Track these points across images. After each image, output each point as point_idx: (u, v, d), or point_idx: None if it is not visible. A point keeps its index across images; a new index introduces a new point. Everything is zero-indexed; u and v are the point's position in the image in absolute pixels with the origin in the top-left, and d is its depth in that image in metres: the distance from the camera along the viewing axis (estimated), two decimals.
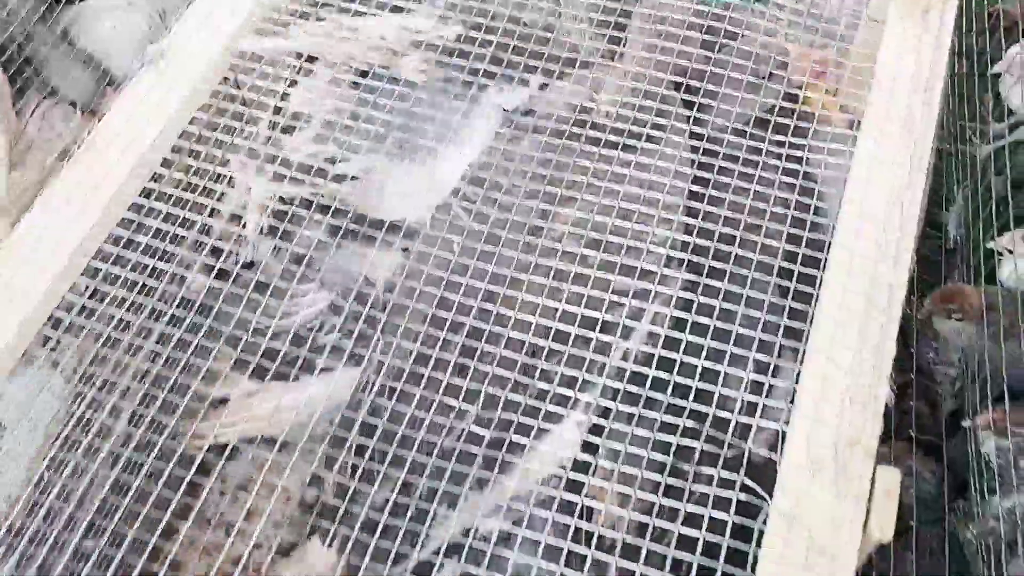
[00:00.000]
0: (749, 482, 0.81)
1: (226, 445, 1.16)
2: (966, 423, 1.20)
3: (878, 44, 1.11)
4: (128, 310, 1.16)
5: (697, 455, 0.85)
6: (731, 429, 0.85)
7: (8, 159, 1.38)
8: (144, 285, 1.13)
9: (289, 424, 1.17)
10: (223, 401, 1.22)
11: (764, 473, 0.83)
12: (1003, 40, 1.48)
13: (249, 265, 1.22)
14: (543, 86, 1.28)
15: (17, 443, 1.30)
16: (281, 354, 1.09)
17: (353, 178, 1.21)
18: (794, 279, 0.93)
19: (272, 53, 1.22)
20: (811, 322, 0.89)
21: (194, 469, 1.06)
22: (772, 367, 0.88)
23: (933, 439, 1.30)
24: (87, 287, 1.17)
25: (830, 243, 0.94)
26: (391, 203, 1.23)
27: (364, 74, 1.28)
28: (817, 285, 0.91)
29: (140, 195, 1.13)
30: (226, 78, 1.21)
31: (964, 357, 1.27)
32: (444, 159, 1.27)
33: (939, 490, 1.25)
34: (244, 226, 1.26)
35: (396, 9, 1.27)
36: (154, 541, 1.01)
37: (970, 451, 1.18)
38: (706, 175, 1.07)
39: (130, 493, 1.07)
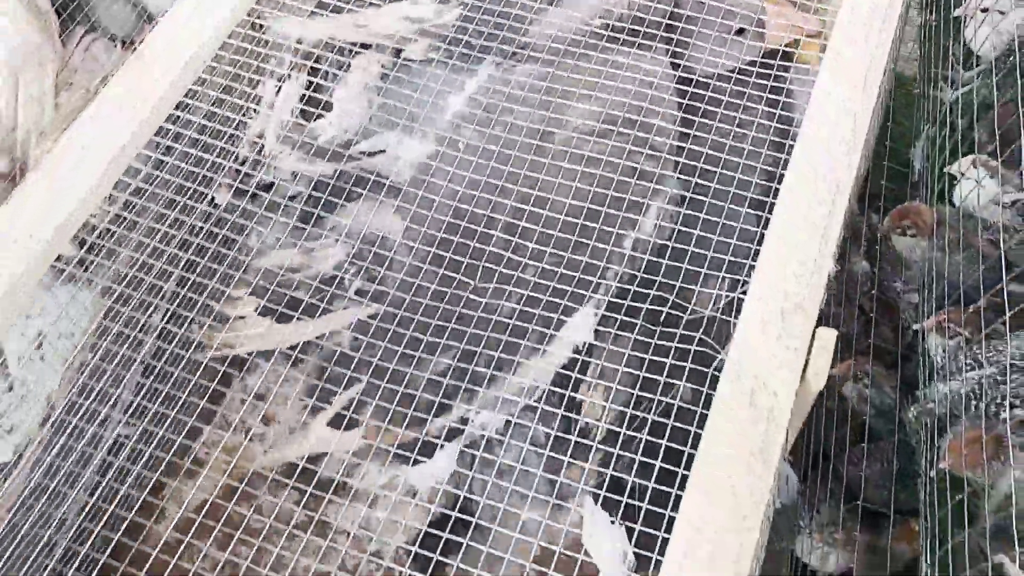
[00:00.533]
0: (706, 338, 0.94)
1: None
2: (916, 326, 1.32)
3: None
4: (160, 222, 1.30)
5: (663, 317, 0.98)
6: (694, 298, 0.99)
7: (54, 85, 1.51)
8: (173, 201, 1.27)
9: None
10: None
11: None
12: None
13: (268, 187, 1.35)
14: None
15: (55, 351, 1.44)
16: None
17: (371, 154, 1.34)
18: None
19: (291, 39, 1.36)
20: (769, 210, 1.01)
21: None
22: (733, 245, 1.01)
23: (893, 354, 1.42)
24: (124, 194, 1.32)
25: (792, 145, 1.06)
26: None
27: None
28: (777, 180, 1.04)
29: (177, 109, 1.27)
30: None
31: (919, 270, 1.39)
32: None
33: (896, 400, 1.37)
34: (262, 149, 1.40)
35: None
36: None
37: (920, 350, 1.30)
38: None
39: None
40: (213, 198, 1.29)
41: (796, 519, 1.27)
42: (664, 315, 0.99)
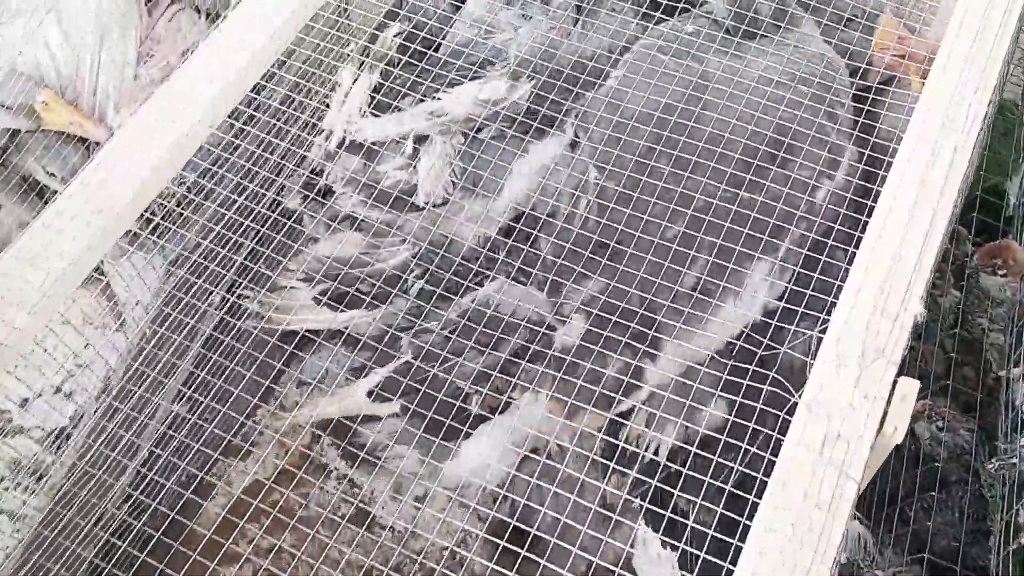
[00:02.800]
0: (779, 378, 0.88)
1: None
2: (1002, 372, 1.24)
3: None
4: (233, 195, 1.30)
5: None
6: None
7: (137, 53, 1.51)
8: (241, 184, 1.26)
9: None
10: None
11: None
12: None
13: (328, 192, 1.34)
14: None
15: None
16: None
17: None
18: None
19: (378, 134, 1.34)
20: (856, 244, 0.95)
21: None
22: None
23: (972, 397, 1.34)
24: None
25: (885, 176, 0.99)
26: None
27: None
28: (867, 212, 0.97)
29: (252, 91, 1.25)
30: None
31: (1008, 312, 1.30)
32: None
33: (972, 447, 1.29)
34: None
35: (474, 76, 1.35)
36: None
37: (1003, 399, 1.22)
38: None
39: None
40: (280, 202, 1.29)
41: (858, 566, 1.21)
42: (737, 348, 0.94)
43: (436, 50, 1.38)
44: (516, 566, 0.90)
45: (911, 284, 0.89)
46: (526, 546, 0.92)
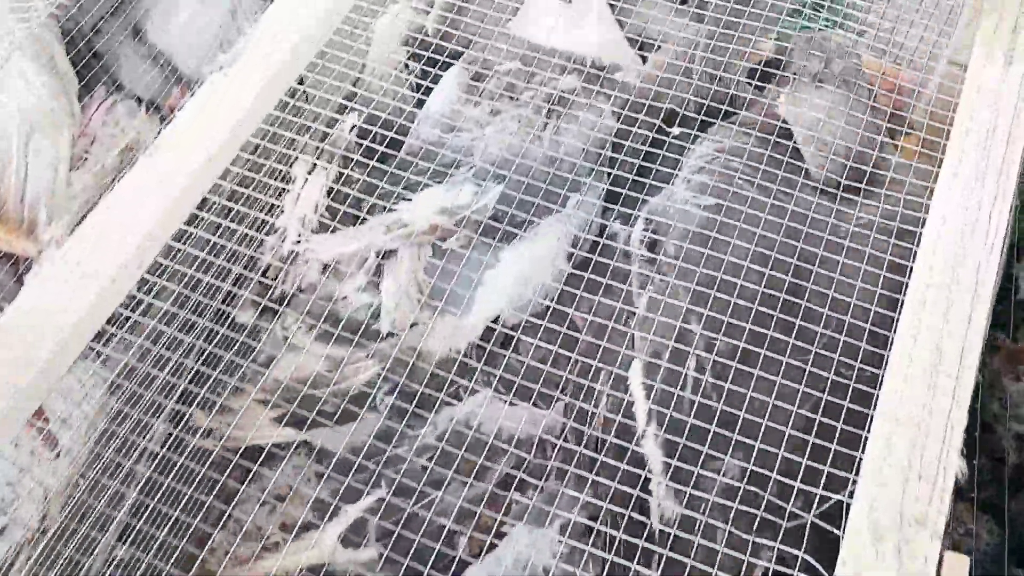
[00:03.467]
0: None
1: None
2: None
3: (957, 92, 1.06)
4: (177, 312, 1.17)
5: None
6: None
7: (70, 155, 1.38)
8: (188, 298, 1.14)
9: None
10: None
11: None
12: None
13: (281, 300, 1.21)
14: None
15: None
16: None
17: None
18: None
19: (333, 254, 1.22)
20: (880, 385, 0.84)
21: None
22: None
23: (995, 498, 1.24)
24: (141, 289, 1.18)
25: (902, 303, 0.88)
26: None
27: None
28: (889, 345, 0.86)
29: (198, 208, 1.12)
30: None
31: None
32: None
33: (999, 551, 1.19)
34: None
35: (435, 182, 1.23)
36: None
37: None
38: None
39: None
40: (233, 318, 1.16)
41: None
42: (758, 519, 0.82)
43: (397, 148, 1.26)
44: None
45: (948, 431, 0.79)
46: None
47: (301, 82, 1.30)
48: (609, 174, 1.34)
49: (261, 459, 1.12)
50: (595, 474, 0.99)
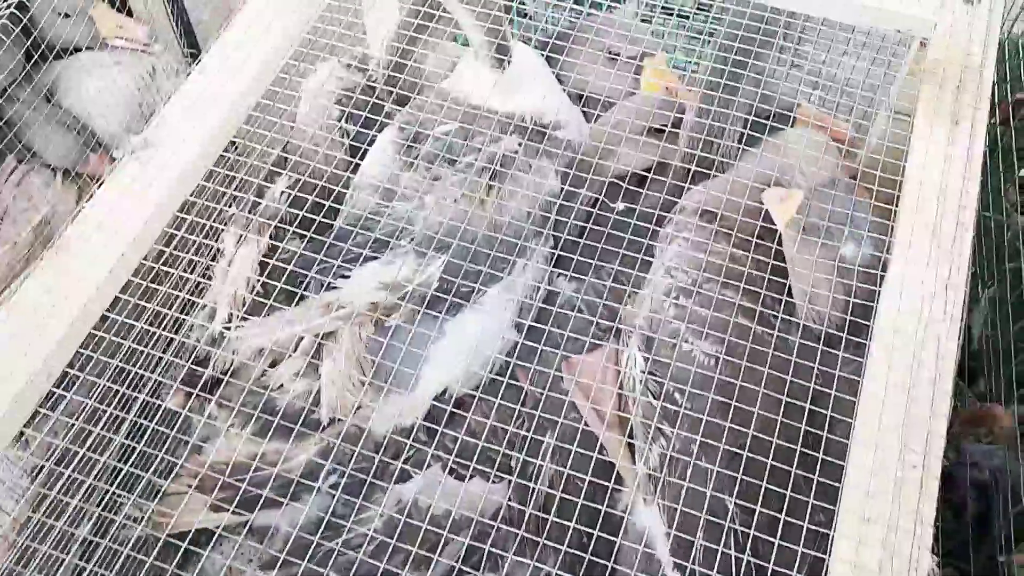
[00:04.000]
0: None
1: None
2: (1001, 558, 1.12)
3: (903, 140, 1.04)
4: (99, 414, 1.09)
5: None
6: None
7: None
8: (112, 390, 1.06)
9: None
10: None
11: None
12: None
13: (217, 382, 1.14)
14: None
15: None
16: None
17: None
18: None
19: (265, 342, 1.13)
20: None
21: None
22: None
23: (957, 549, 1.22)
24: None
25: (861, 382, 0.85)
26: None
27: None
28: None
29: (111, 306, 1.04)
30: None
31: (995, 478, 1.18)
32: None
33: None
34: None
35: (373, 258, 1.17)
36: None
37: None
38: None
39: None
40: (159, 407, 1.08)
41: None
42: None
43: (333, 216, 1.20)
44: None
45: (918, 535, 0.75)
46: None
47: (227, 149, 1.24)
48: (556, 236, 1.30)
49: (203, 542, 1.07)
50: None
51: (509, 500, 1.11)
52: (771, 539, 0.80)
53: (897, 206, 0.96)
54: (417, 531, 1.02)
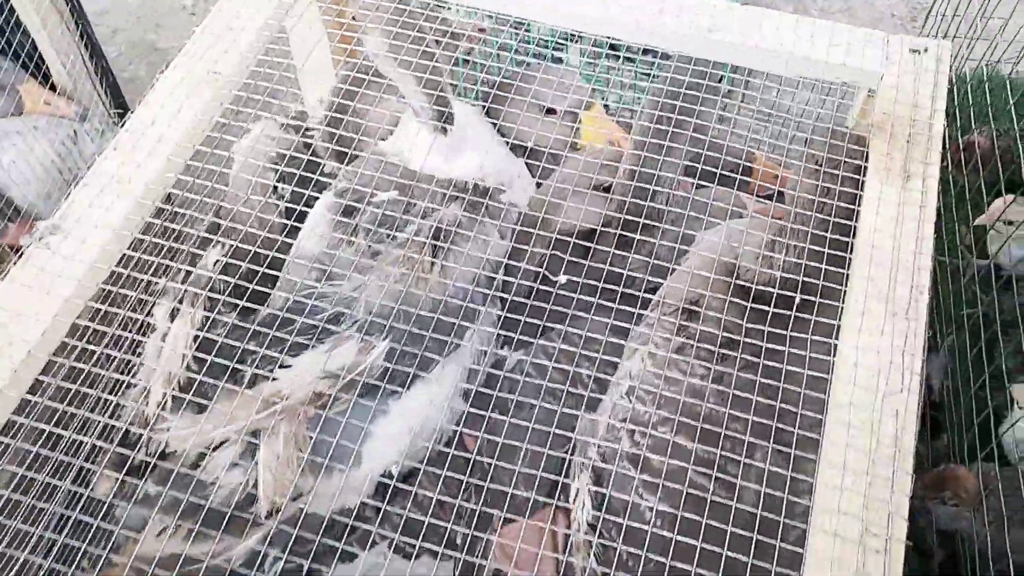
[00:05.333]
0: None
1: None
2: None
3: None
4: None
5: None
6: None
7: None
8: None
9: None
10: None
11: None
12: (980, 171, 1.40)
13: (163, 455, 1.08)
14: None
15: None
16: None
17: None
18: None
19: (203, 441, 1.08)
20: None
21: None
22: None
23: None
24: None
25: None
26: None
27: None
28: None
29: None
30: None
31: (961, 539, 1.16)
32: None
33: None
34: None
35: (318, 340, 1.12)
36: None
37: None
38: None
39: None
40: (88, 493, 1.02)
41: None
42: None
43: (269, 285, 1.15)
44: None
45: None
46: None
47: (157, 215, 1.18)
48: (503, 299, 1.26)
49: None
50: None
51: None
52: None
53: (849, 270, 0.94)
54: None
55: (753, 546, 0.79)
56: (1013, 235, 1.25)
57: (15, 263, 0.93)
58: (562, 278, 1.16)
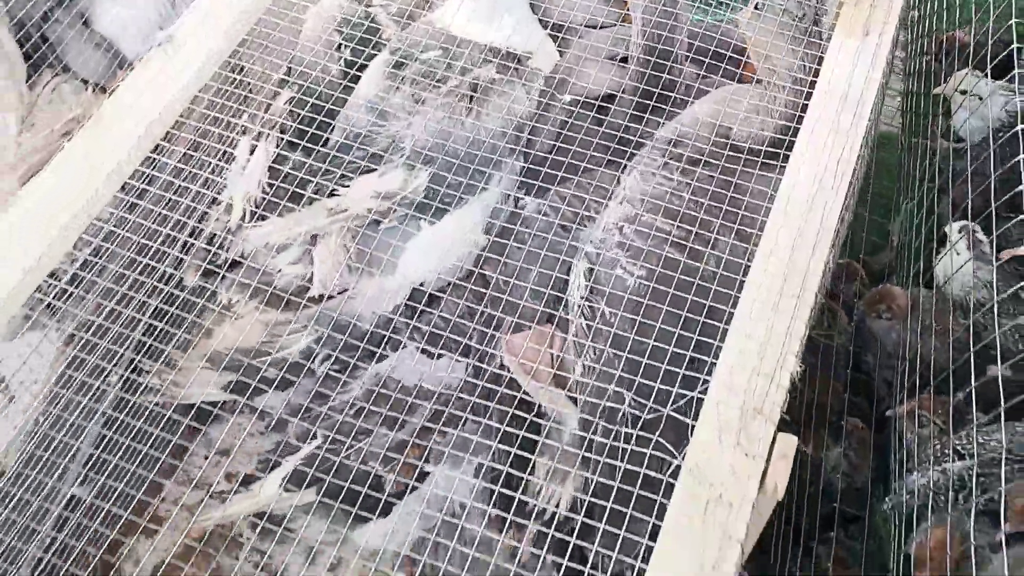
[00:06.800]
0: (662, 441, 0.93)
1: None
2: (890, 412, 1.31)
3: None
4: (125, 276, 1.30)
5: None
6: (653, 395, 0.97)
7: (18, 123, 1.51)
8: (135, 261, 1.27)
9: None
10: None
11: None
12: (955, 62, 1.59)
13: (233, 265, 1.35)
14: None
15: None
16: None
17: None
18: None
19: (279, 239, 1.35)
20: (733, 304, 1.01)
21: None
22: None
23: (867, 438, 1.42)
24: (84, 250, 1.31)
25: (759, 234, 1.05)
26: None
27: None
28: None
29: (141, 166, 1.26)
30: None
31: (894, 352, 1.38)
32: None
33: (869, 483, 1.36)
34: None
35: (369, 169, 1.37)
36: None
37: (893, 437, 1.30)
38: None
39: None
40: (181, 279, 1.29)
41: None
42: (621, 413, 0.99)
43: (331, 131, 1.41)
44: None
45: (786, 344, 0.96)
46: None
47: (240, 69, 1.45)
48: (526, 154, 1.50)
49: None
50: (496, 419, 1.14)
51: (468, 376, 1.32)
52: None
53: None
54: (390, 401, 1.23)
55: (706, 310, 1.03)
56: (965, 103, 1.45)
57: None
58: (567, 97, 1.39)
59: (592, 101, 1.46)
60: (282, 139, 1.43)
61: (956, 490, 1.10)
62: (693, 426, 0.92)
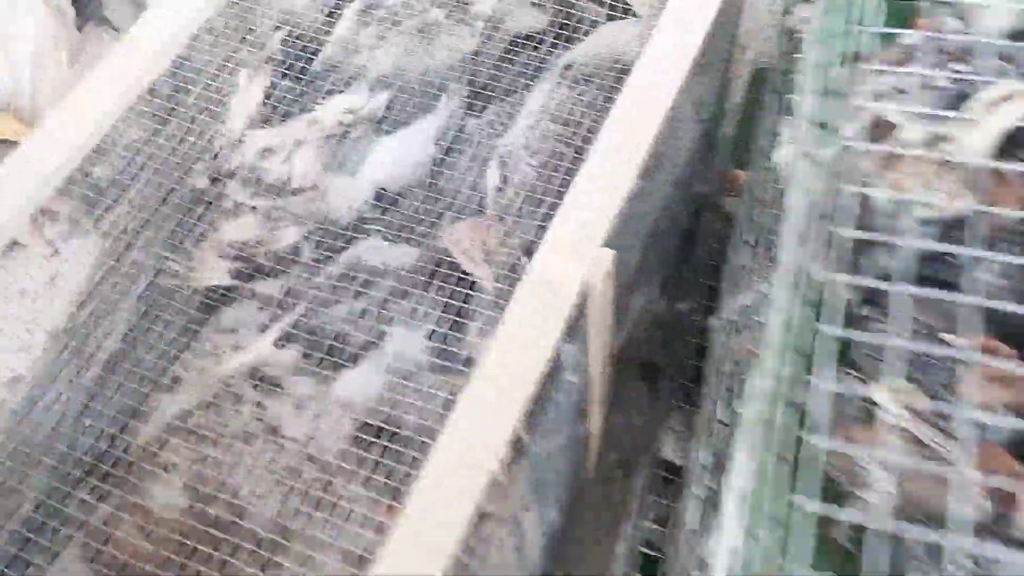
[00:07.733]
0: None
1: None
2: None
3: None
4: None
5: None
6: None
7: (67, 64, 1.90)
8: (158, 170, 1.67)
9: None
10: None
11: None
12: None
13: (231, 174, 1.75)
14: None
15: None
16: None
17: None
18: None
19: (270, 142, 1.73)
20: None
21: None
22: None
23: None
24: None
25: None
26: None
27: None
28: None
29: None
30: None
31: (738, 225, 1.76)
32: None
33: None
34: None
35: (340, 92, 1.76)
36: None
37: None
38: None
39: None
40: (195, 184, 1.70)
41: None
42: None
43: (311, 64, 1.81)
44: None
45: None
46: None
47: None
48: (470, 82, 1.88)
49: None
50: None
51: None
52: None
53: None
54: (359, 277, 1.62)
55: None
56: None
57: None
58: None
59: (521, 40, 1.83)
60: (274, 71, 1.83)
61: None
62: None
